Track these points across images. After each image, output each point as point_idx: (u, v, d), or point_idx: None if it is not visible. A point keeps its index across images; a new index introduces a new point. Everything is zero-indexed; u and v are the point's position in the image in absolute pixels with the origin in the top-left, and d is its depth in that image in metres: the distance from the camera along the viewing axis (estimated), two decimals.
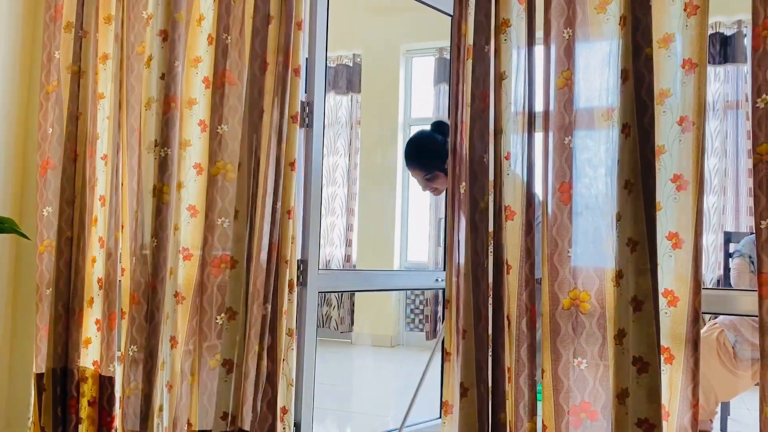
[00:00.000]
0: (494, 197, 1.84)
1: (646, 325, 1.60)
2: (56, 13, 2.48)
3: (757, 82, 1.55)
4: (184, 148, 2.24)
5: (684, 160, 1.71)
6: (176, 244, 2.21)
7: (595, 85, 1.78)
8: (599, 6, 1.78)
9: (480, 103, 1.87)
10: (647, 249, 1.62)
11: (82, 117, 2.37)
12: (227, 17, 2.16)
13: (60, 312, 2.34)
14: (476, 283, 1.84)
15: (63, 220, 2.36)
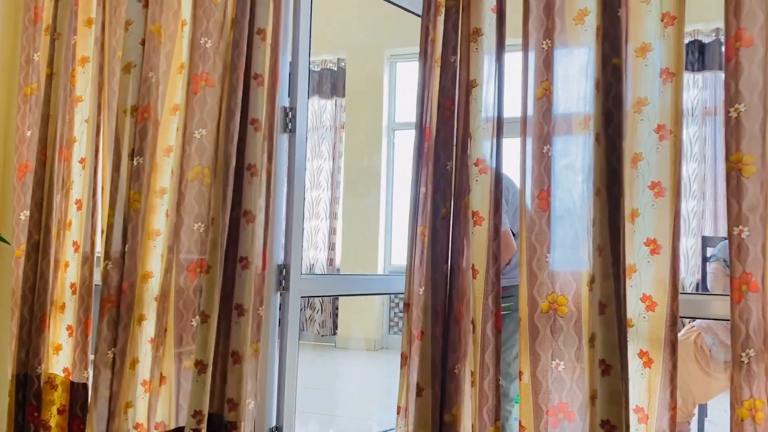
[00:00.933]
0: (455, 202, 1.89)
1: (610, 329, 1.64)
2: (36, 16, 2.46)
3: (730, 92, 1.59)
4: (167, 154, 2.23)
5: (662, 168, 1.74)
6: (156, 248, 2.20)
7: (574, 95, 1.82)
8: (577, 17, 1.81)
9: (446, 111, 1.90)
10: (611, 254, 1.65)
11: (53, 119, 2.34)
12: (207, 22, 2.15)
13: (26, 317, 2.31)
14: (435, 288, 1.88)
15: (32, 224, 2.33)
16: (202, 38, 2.14)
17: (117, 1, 2.36)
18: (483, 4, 1.89)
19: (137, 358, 2.15)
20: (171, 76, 2.25)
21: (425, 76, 1.96)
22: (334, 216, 5.69)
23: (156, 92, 2.21)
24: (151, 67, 2.20)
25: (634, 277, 1.75)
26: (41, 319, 2.32)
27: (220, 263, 2.04)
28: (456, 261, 1.89)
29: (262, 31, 2.12)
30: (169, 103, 2.24)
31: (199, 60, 2.14)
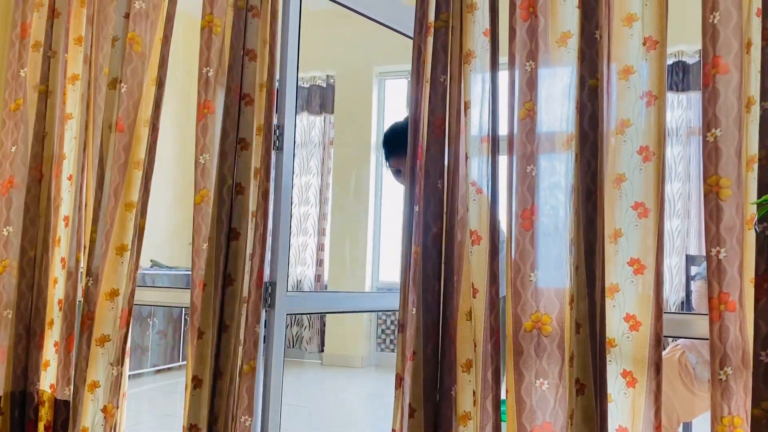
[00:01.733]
0: (446, 221, 1.89)
1: (584, 348, 1.65)
2: (23, 32, 2.47)
3: (707, 117, 1.63)
4: (138, 167, 2.23)
5: (645, 188, 1.77)
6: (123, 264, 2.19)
7: (557, 115, 1.84)
8: (560, 39, 1.84)
9: (436, 130, 1.91)
10: (585, 273, 1.67)
11: (48, 137, 2.36)
12: (208, 51, 2.18)
13: (21, 334, 2.30)
14: (427, 307, 1.87)
15: (26, 240, 2.33)
16: (204, 68, 2.17)
17: (105, 18, 2.37)
18: (475, 27, 1.91)
19: (97, 381, 2.15)
20: (145, 88, 2.26)
21: (417, 95, 1.97)
22: (323, 232, 5.69)
23: (128, 102, 2.22)
24: (122, 78, 2.22)
25: (617, 297, 1.76)
26: (40, 336, 2.32)
27: (216, 281, 2.06)
28: (450, 280, 1.88)
29: (251, 51, 2.14)
30: (143, 115, 2.25)
31: (203, 89, 2.17)
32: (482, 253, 1.87)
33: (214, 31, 2.19)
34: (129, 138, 2.22)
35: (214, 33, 2.19)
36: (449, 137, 1.91)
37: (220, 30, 2.20)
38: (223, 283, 2.08)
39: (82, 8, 2.43)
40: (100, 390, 2.15)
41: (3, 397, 2.30)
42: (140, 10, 2.25)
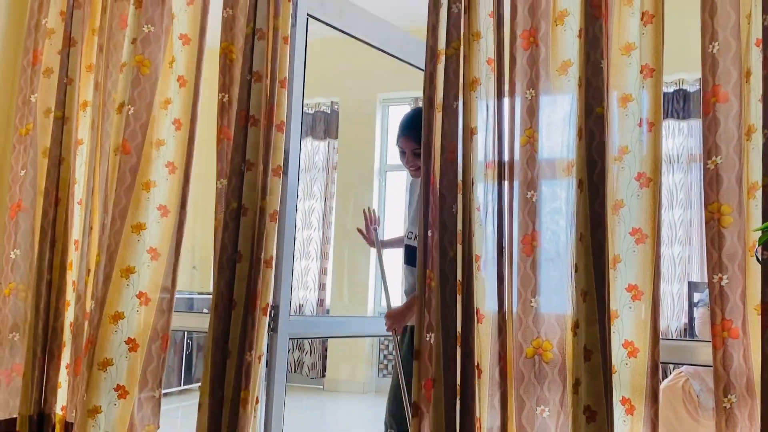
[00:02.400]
0: (464, 247, 1.87)
1: (595, 375, 1.65)
2: (35, 59, 2.51)
3: (708, 145, 1.65)
4: (147, 189, 2.23)
5: (642, 214, 1.78)
6: (130, 287, 2.17)
7: (557, 142, 1.87)
8: (561, 68, 1.87)
9: (449, 155, 1.92)
10: (596, 300, 1.67)
11: (65, 162, 2.38)
12: (224, 78, 2.22)
13: (38, 356, 2.29)
14: (446, 333, 1.84)
15: (44, 264, 2.32)
16: (221, 93, 2.21)
17: (114, 46, 2.42)
18: (480, 55, 1.93)
19: (98, 406, 2.12)
20: (154, 110, 2.27)
21: (430, 121, 1.97)
22: (325, 256, 5.69)
23: (135, 124, 2.24)
24: (130, 101, 2.24)
25: (616, 323, 1.77)
26: (58, 358, 2.31)
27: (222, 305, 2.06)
28: (470, 305, 1.85)
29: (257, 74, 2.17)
30: (151, 137, 2.26)
31: (220, 115, 2.21)
32: (487, 278, 1.87)
33: (230, 57, 2.23)
34: (136, 160, 2.23)
35: (229, 59, 2.23)
36: (462, 162, 1.91)
37: (235, 57, 2.23)
38: (227, 307, 2.08)
39: (93, 36, 2.48)
40: (101, 416, 2.11)
41: (20, 420, 2.27)
42: (149, 34, 2.29)
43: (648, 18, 1.82)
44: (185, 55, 2.31)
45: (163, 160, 2.27)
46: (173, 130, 2.29)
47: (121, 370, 2.14)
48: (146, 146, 2.25)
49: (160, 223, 2.23)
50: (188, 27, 2.33)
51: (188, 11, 2.33)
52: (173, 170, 2.27)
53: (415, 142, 2.32)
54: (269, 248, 2.11)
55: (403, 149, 2.42)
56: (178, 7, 2.33)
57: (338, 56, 5.77)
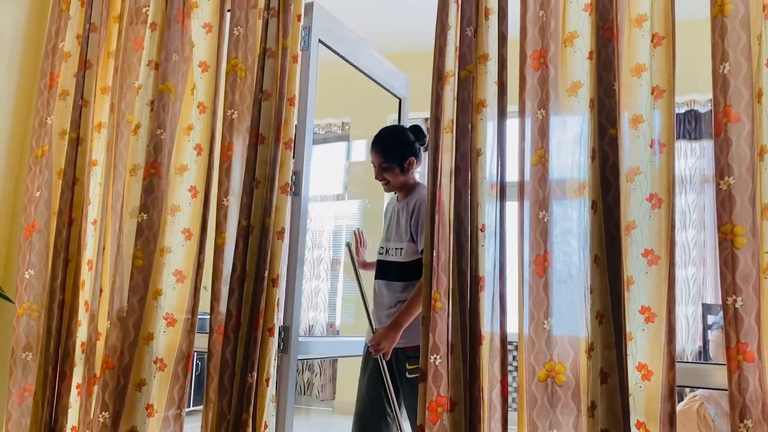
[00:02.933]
0: (472, 268, 1.87)
1: (612, 398, 1.62)
2: (51, 81, 2.56)
3: (720, 165, 1.64)
4: (172, 213, 2.27)
5: (654, 236, 1.77)
6: (159, 309, 2.21)
7: (567, 162, 1.87)
8: (570, 89, 1.88)
9: (463, 176, 1.92)
10: (612, 322, 1.65)
11: (80, 183, 2.41)
12: (232, 94, 2.25)
13: (50, 376, 2.29)
14: (454, 355, 1.82)
15: (56, 284, 2.34)
16: (229, 110, 2.24)
17: (129, 68, 2.46)
18: (487, 77, 1.95)
19: (136, 427, 2.13)
20: (178, 136, 2.32)
21: (437, 142, 1.97)
22: (336, 277, 5.68)
23: (164, 150, 2.28)
24: (159, 124, 2.27)
25: (629, 345, 1.74)
26: (69, 378, 2.32)
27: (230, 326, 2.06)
28: (475, 327, 1.83)
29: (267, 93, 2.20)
30: (176, 162, 2.31)
31: (227, 131, 2.24)
32: (489, 299, 1.86)
33: (239, 75, 2.26)
34: (165, 185, 2.27)
35: (239, 77, 2.26)
36: (471, 183, 1.92)
37: (243, 74, 2.26)
38: (237, 327, 2.08)
39: (109, 59, 2.52)
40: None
41: None
42: (174, 62, 2.34)
43: (658, 40, 1.83)
44: (205, 81, 2.35)
45: (186, 185, 2.30)
46: (195, 155, 2.32)
47: (152, 389, 2.18)
48: (172, 171, 2.30)
49: (185, 247, 2.26)
50: (206, 54, 2.37)
51: (207, 39, 2.38)
52: (195, 194, 2.30)
53: (380, 156, 2.42)
54: (275, 267, 2.11)
55: (373, 163, 2.51)
56: (197, 36, 2.38)
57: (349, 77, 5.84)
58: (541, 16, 1.93)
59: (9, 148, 2.66)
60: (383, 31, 5.32)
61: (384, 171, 2.45)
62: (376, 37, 5.44)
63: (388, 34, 5.36)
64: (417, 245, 2.35)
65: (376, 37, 5.44)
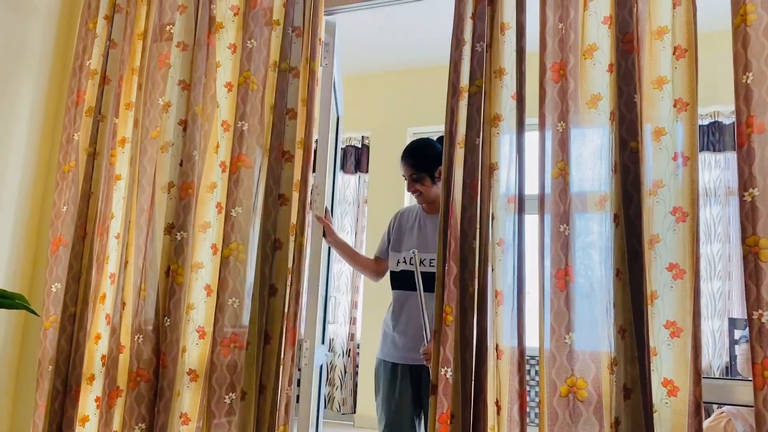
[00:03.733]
0: (479, 282, 1.86)
1: (636, 414, 1.60)
2: (78, 98, 2.61)
3: (744, 176, 1.62)
4: (203, 230, 2.32)
5: (679, 249, 1.75)
6: (191, 322, 2.26)
7: (588, 175, 1.85)
8: (590, 101, 1.87)
9: (471, 191, 1.93)
10: (635, 337, 1.63)
11: (94, 196, 2.45)
12: (243, 106, 2.29)
13: (58, 388, 2.33)
14: (464, 369, 1.83)
15: (68, 297, 2.39)
16: (239, 122, 2.26)
17: (152, 85, 2.50)
18: (502, 91, 1.95)
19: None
20: (208, 155, 2.37)
21: (450, 156, 1.99)
22: (356, 290, 5.69)
23: (195, 170, 2.33)
24: (194, 146, 2.33)
25: (654, 361, 1.72)
26: (76, 391, 2.34)
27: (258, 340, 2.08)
28: (483, 341, 1.84)
29: (291, 111, 2.24)
30: (206, 181, 2.35)
31: (237, 143, 2.27)
32: (508, 313, 1.85)
33: (251, 88, 2.30)
34: (195, 203, 2.32)
35: (251, 90, 2.30)
36: (481, 198, 1.92)
37: (256, 87, 2.30)
38: (261, 341, 2.09)
39: (133, 75, 2.57)
40: None
41: None
42: (204, 84, 2.39)
43: (681, 52, 1.81)
44: (229, 101, 2.40)
45: (214, 202, 2.34)
46: (220, 172, 2.36)
47: (185, 398, 2.22)
48: (202, 190, 2.34)
49: (213, 261, 2.30)
50: (231, 75, 2.41)
51: (232, 59, 2.42)
52: (220, 210, 2.33)
53: (411, 168, 2.49)
54: (296, 281, 2.14)
55: (404, 176, 2.57)
56: (223, 57, 2.43)
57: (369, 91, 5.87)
58: (561, 28, 1.93)
59: (37, 164, 2.72)
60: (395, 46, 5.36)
61: (415, 182, 2.50)
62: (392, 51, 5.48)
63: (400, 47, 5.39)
64: None
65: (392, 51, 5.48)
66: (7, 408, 2.60)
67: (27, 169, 2.67)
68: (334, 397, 5.60)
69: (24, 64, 2.67)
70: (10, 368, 2.62)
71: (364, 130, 5.94)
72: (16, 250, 2.62)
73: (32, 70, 2.70)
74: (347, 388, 5.54)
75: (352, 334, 5.59)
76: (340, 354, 5.62)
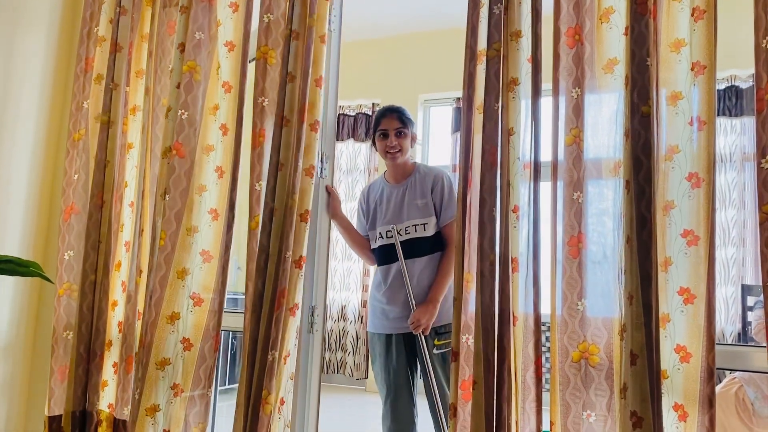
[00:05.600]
0: (500, 249, 1.85)
1: (641, 380, 1.60)
2: (87, 66, 2.60)
3: (762, 143, 1.58)
4: (200, 193, 2.29)
5: (694, 216, 1.73)
6: (185, 288, 2.23)
7: (603, 141, 1.82)
8: (606, 66, 1.83)
9: (490, 157, 1.90)
10: (642, 303, 1.63)
11: (110, 165, 2.45)
12: (263, 82, 2.24)
13: (82, 355, 2.37)
14: (486, 335, 1.83)
15: (88, 265, 2.40)
16: (260, 97, 2.24)
17: (163, 52, 2.48)
18: (519, 54, 1.91)
19: (157, 405, 2.18)
20: (205, 115, 2.33)
21: (469, 122, 1.96)
22: None
23: (188, 129, 2.29)
24: (182, 104, 2.29)
25: (668, 327, 1.71)
26: (101, 357, 2.38)
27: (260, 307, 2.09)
28: (504, 308, 1.83)
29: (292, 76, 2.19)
30: (203, 142, 2.31)
31: (258, 118, 2.23)
32: (523, 280, 1.84)
33: (269, 62, 2.26)
34: (190, 164, 2.29)
35: (269, 64, 2.26)
36: (501, 164, 1.89)
37: (274, 61, 2.26)
38: (260, 306, 2.10)
39: (143, 42, 2.55)
40: (160, 414, 2.17)
41: (64, 416, 2.36)
42: (199, 41, 2.34)
43: (699, 14, 1.76)
44: (230, 61, 2.35)
45: (212, 165, 2.31)
46: (221, 135, 2.33)
47: (177, 368, 2.20)
48: (198, 151, 2.30)
49: (212, 227, 2.28)
50: (233, 34, 2.37)
51: (233, 18, 2.37)
52: (221, 175, 2.31)
53: (399, 121, 2.43)
54: (298, 248, 2.12)
55: (385, 129, 2.53)
56: (223, 15, 2.38)
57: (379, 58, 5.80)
58: None
59: (48, 133, 2.72)
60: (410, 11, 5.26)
61: (399, 137, 2.49)
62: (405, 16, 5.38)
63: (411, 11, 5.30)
64: (440, 219, 2.38)
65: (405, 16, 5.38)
66: (25, 375, 2.65)
67: (38, 137, 2.68)
68: (346, 362, 5.68)
69: (33, 30, 2.65)
70: (27, 335, 2.66)
71: (375, 97, 5.88)
72: (29, 218, 2.64)
73: (41, 36, 2.68)
74: (360, 354, 5.61)
75: (364, 301, 5.63)
76: (352, 320, 5.68)
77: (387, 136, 2.53)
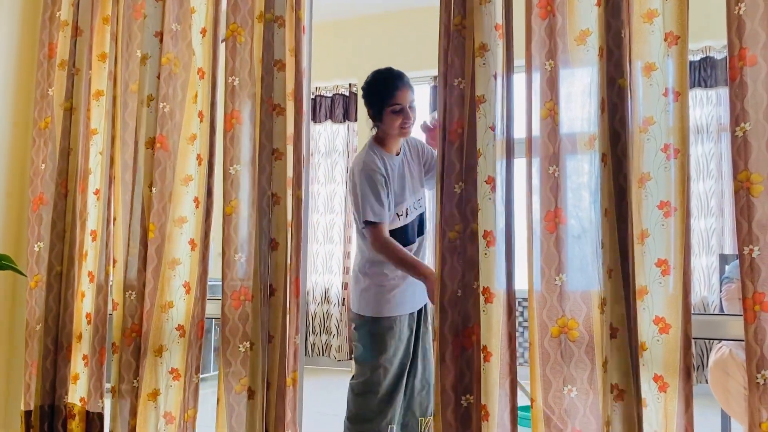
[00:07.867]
0: (465, 224, 1.83)
1: (622, 353, 1.61)
2: (50, 51, 2.52)
3: (735, 111, 1.58)
4: (186, 183, 2.26)
5: (670, 187, 1.72)
6: (176, 277, 2.22)
7: (578, 114, 1.81)
8: (579, 38, 1.81)
9: (451, 135, 1.87)
10: (621, 276, 1.63)
11: (73, 152, 2.40)
12: (233, 61, 2.19)
13: (49, 348, 2.33)
14: (443, 312, 1.82)
15: (53, 255, 2.37)
16: (230, 77, 2.19)
17: (129, 36, 2.41)
18: (488, 20, 1.86)
19: (158, 389, 2.19)
20: (186, 106, 2.29)
21: (445, 97, 1.91)
22: (348, 240, 5.69)
23: (170, 122, 2.25)
24: (163, 97, 2.24)
25: (645, 299, 1.72)
26: (68, 350, 2.35)
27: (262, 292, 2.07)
28: (469, 284, 1.82)
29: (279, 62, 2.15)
30: (186, 133, 2.28)
31: (230, 99, 2.18)
32: (497, 255, 1.82)
33: (239, 41, 2.21)
34: (174, 156, 2.26)
35: (239, 42, 2.21)
36: (468, 137, 1.86)
37: (243, 39, 2.21)
38: (266, 293, 2.09)
39: (105, 25, 2.47)
40: (161, 398, 2.19)
41: (34, 411, 2.33)
42: (176, 32, 2.29)
43: None
44: (204, 47, 2.30)
45: (194, 154, 2.28)
46: (198, 122, 2.29)
47: (175, 354, 2.22)
48: (182, 142, 2.27)
49: (196, 215, 2.26)
50: (205, 20, 2.31)
51: (205, 3, 2.32)
52: (200, 162, 2.28)
53: (412, 92, 2.28)
54: (299, 234, 2.12)
55: (401, 105, 2.26)
56: (197, 2, 2.32)
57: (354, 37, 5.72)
58: None
59: (14, 122, 2.64)
60: None
61: (413, 111, 2.25)
62: None
63: None
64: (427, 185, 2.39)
65: None
66: (2, 370, 2.61)
67: (4, 127, 2.60)
68: (330, 345, 5.68)
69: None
70: (2, 329, 2.61)
71: (352, 77, 5.81)
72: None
73: (2, 22, 2.59)
74: (342, 336, 5.61)
75: (345, 283, 5.62)
76: (335, 303, 5.67)
77: (402, 111, 2.27)
